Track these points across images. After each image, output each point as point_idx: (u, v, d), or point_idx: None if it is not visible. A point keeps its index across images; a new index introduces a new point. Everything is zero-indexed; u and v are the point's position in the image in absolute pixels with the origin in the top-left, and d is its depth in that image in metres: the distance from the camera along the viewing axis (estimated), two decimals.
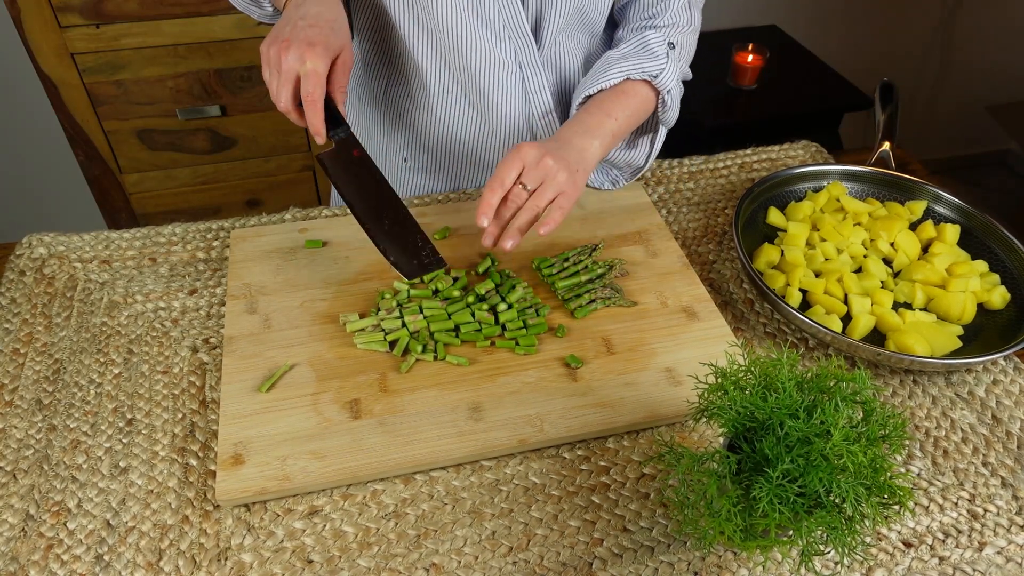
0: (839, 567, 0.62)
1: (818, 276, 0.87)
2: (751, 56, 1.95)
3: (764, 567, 0.63)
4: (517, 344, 0.79)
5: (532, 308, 0.82)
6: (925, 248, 0.91)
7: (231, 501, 0.66)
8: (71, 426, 0.73)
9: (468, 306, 0.82)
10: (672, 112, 0.94)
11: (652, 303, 0.85)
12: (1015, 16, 2.43)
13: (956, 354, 0.79)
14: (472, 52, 0.91)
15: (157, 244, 0.93)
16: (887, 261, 0.90)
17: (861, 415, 0.55)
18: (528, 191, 0.77)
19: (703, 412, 0.58)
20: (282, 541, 0.65)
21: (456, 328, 0.80)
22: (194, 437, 0.72)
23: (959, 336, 0.81)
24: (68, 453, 0.71)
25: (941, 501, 0.69)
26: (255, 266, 0.88)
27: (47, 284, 0.88)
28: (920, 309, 0.85)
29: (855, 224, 0.92)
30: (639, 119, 0.91)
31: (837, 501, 0.52)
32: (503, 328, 0.80)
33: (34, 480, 0.69)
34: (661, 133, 0.97)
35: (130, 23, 1.53)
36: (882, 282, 0.87)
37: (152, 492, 0.68)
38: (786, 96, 1.98)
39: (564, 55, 0.98)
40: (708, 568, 0.64)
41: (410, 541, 0.65)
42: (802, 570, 0.62)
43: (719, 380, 0.57)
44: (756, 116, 1.93)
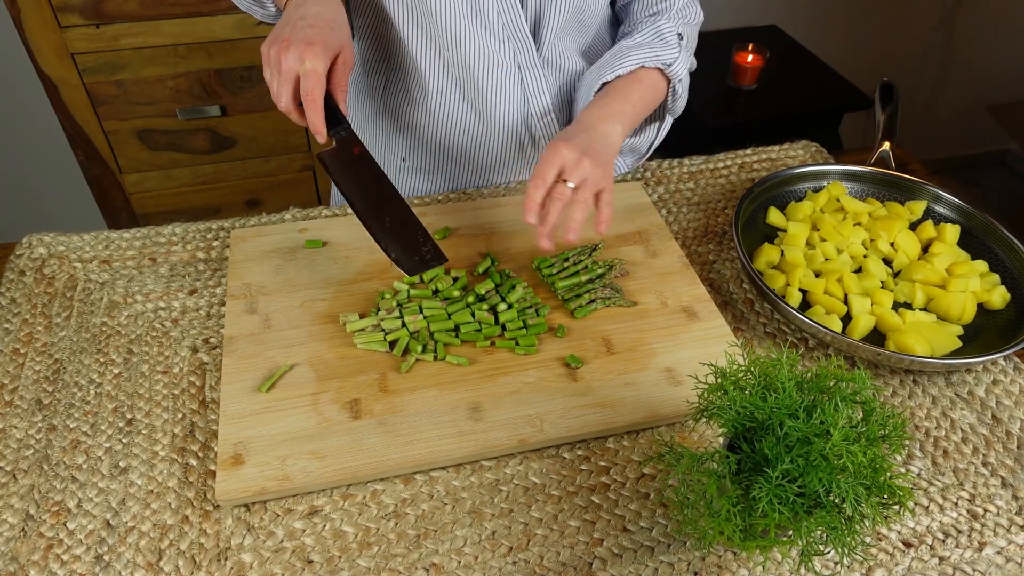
0: (839, 567, 0.62)
1: (818, 276, 0.87)
2: (751, 56, 1.95)
3: (764, 567, 0.63)
4: (517, 344, 0.79)
5: (532, 308, 0.82)
6: (925, 248, 0.91)
7: (231, 501, 0.66)
8: (71, 426, 0.73)
9: (468, 306, 0.82)
10: (681, 102, 0.95)
11: (652, 303, 0.85)
12: (1015, 16, 2.43)
13: (956, 354, 0.79)
14: (471, 53, 0.91)
15: (157, 244, 0.93)
16: (887, 261, 0.90)
17: (861, 415, 0.55)
18: (571, 188, 0.78)
19: (703, 412, 0.58)
20: (282, 541, 0.65)
21: (456, 328, 0.80)
22: (194, 437, 0.72)
23: (959, 336, 0.81)
24: (68, 453, 0.71)
25: (941, 501, 0.69)
26: (255, 266, 0.88)
27: (47, 284, 0.88)
28: (920, 309, 0.85)
29: (855, 224, 0.92)
30: (652, 107, 0.92)
31: (837, 501, 0.52)
32: (503, 328, 0.80)
33: (34, 480, 0.69)
34: (667, 122, 0.98)
35: (130, 23, 1.53)
36: (882, 282, 0.87)
37: (152, 492, 0.68)
38: (786, 96, 1.98)
39: (562, 57, 0.98)
40: (708, 568, 0.64)
41: (410, 541, 0.65)
42: (802, 570, 0.62)
43: (719, 380, 0.57)
44: (756, 116, 1.93)
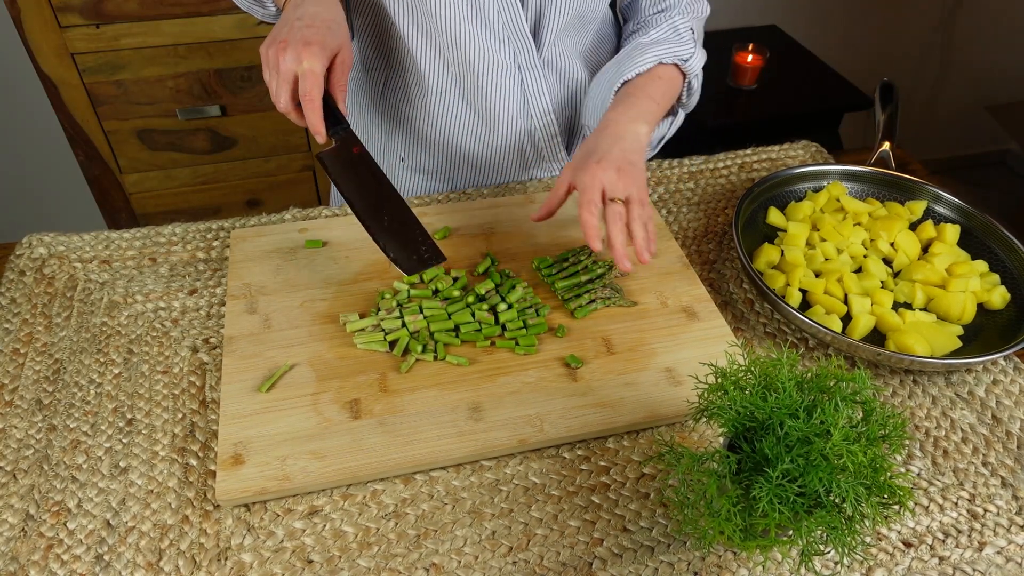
0: (839, 567, 0.62)
1: (818, 276, 0.87)
2: (751, 56, 1.95)
3: (764, 567, 0.63)
4: (517, 344, 0.79)
5: (532, 308, 0.82)
6: (925, 248, 0.91)
7: (231, 501, 0.66)
8: (71, 426, 0.73)
9: (468, 306, 0.82)
10: (695, 97, 0.96)
11: (652, 303, 0.85)
12: (1015, 16, 2.43)
13: (956, 354, 0.79)
14: (472, 53, 0.91)
15: (157, 244, 0.93)
16: (887, 261, 0.90)
17: (861, 415, 0.55)
18: (621, 202, 0.79)
19: (703, 412, 0.58)
20: (282, 541, 0.65)
21: (456, 328, 0.80)
22: (194, 437, 0.72)
23: (959, 336, 0.81)
24: (68, 453, 0.71)
25: (941, 501, 0.69)
26: (255, 266, 0.88)
27: (47, 284, 0.88)
28: (920, 309, 0.85)
29: (855, 224, 0.92)
30: (671, 103, 0.92)
31: (837, 501, 0.52)
32: (503, 328, 0.80)
33: (34, 480, 0.69)
34: (680, 116, 0.98)
35: (130, 23, 1.53)
36: (882, 282, 0.87)
37: (152, 492, 0.68)
38: (786, 96, 1.98)
39: (562, 57, 0.98)
40: (708, 568, 0.64)
41: (410, 541, 0.65)
42: (802, 570, 0.62)
43: (719, 380, 0.57)
44: (756, 116, 1.93)
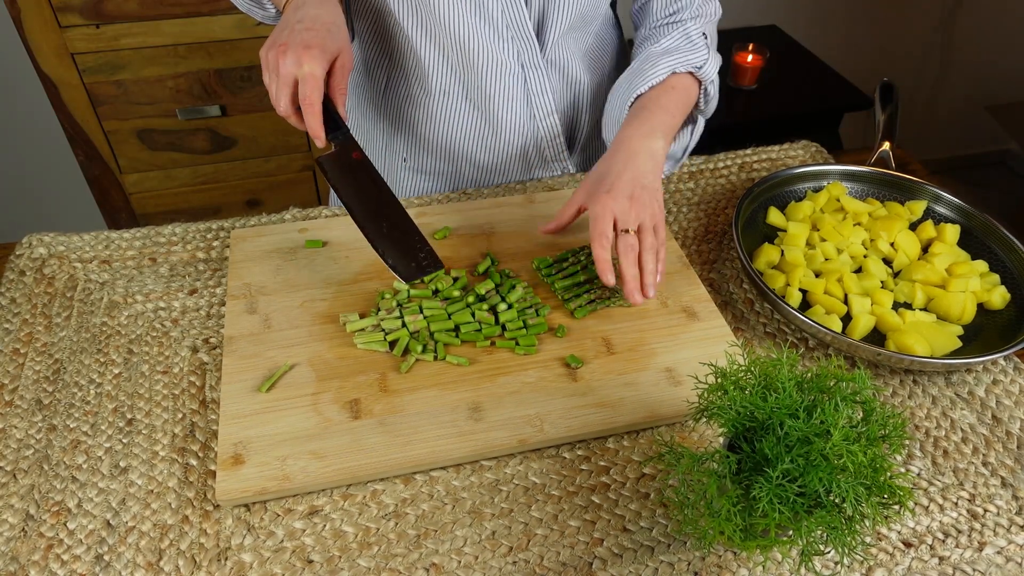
0: (839, 567, 0.62)
1: (818, 276, 0.87)
2: (751, 56, 1.95)
3: (764, 567, 0.63)
4: (517, 344, 0.79)
5: (532, 308, 0.82)
6: (925, 248, 0.91)
7: (231, 501, 0.66)
8: (71, 426, 0.73)
9: (468, 306, 0.82)
10: (713, 103, 0.94)
11: (652, 303, 0.85)
12: (1015, 16, 2.43)
13: (956, 354, 0.79)
14: (475, 53, 0.91)
15: (157, 244, 0.93)
16: (887, 261, 0.90)
17: (861, 415, 0.55)
18: (633, 232, 0.78)
19: (703, 412, 0.58)
20: (282, 541, 0.65)
21: (456, 328, 0.80)
22: (194, 437, 0.72)
23: (959, 336, 0.81)
24: (68, 453, 0.71)
25: (941, 501, 0.69)
26: (255, 266, 0.88)
27: (47, 284, 0.88)
28: (920, 309, 0.85)
29: (855, 224, 0.92)
30: (687, 112, 0.91)
31: (837, 501, 0.52)
32: (503, 328, 0.80)
33: (34, 480, 0.69)
34: (700, 123, 0.97)
35: (130, 23, 1.53)
36: (882, 282, 0.87)
37: (152, 492, 0.68)
38: (786, 96, 1.98)
39: (566, 56, 0.98)
40: (708, 568, 0.64)
41: (410, 541, 0.65)
42: (802, 570, 0.62)
43: (719, 380, 0.57)
44: (756, 116, 1.93)
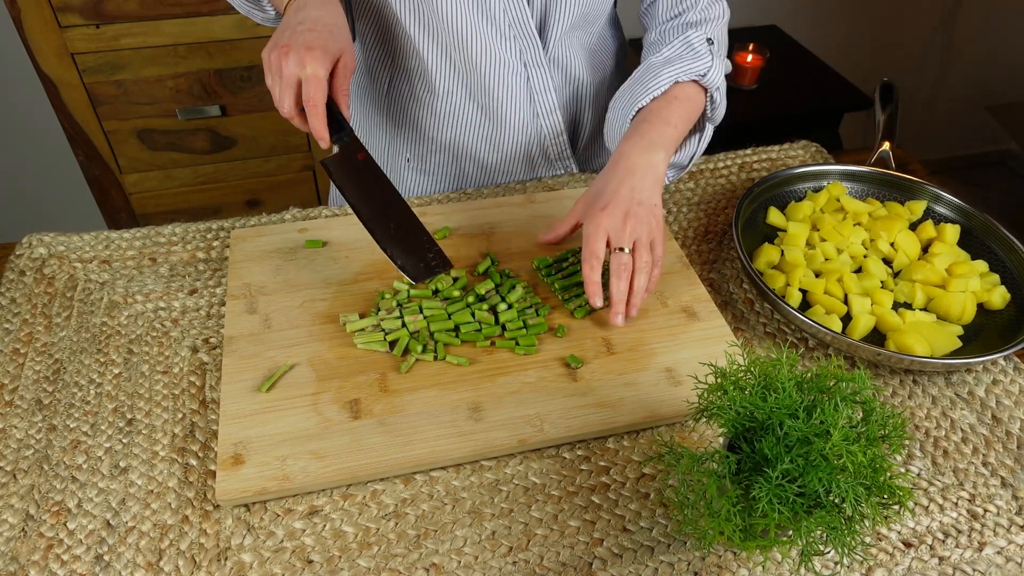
0: (839, 567, 0.62)
1: (818, 276, 0.87)
2: (751, 56, 1.95)
3: (764, 567, 0.63)
4: (517, 344, 0.79)
5: (532, 308, 0.82)
6: (925, 248, 0.91)
7: (231, 501, 0.66)
8: (71, 426, 0.73)
9: (468, 306, 0.82)
10: (720, 109, 0.93)
11: (652, 303, 0.85)
12: (1015, 16, 2.43)
13: (956, 354, 0.79)
14: (478, 51, 0.91)
15: (157, 244, 0.93)
16: (887, 261, 0.90)
17: (861, 415, 0.55)
18: (628, 252, 0.77)
19: (703, 412, 0.58)
20: (282, 541, 0.65)
21: (456, 328, 0.80)
22: (194, 437, 0.72)
23: (959, 336, 0.81)
24: (68, 453, 0.71)
25: (941, 501, 0.69)
26: (255, 266, 0.88)
27: (47, 284, 0.88)
28: (920, 309, 0.85)
29: (855, 224, 0.92)
30: (693, 121, 0.90)
31: (837, 501, 0.52)
32: (503, 328, 0.80)
33: (34, 480, 0.69)
34: (708, 131, 0.95)
35: (130, 23, 1.53)
36: (882, 282, 0.87)
37: (152, 492, 0.68)
38: (786, 96, 1.98)
39: (568, 55, 0.98)
40: (708, 568, 0.64)
41: (410, 541, 0.65)
42: (802, 570, 0.62)
43: (719, 380, 0.57)
44: (756, 116, 1.93)
